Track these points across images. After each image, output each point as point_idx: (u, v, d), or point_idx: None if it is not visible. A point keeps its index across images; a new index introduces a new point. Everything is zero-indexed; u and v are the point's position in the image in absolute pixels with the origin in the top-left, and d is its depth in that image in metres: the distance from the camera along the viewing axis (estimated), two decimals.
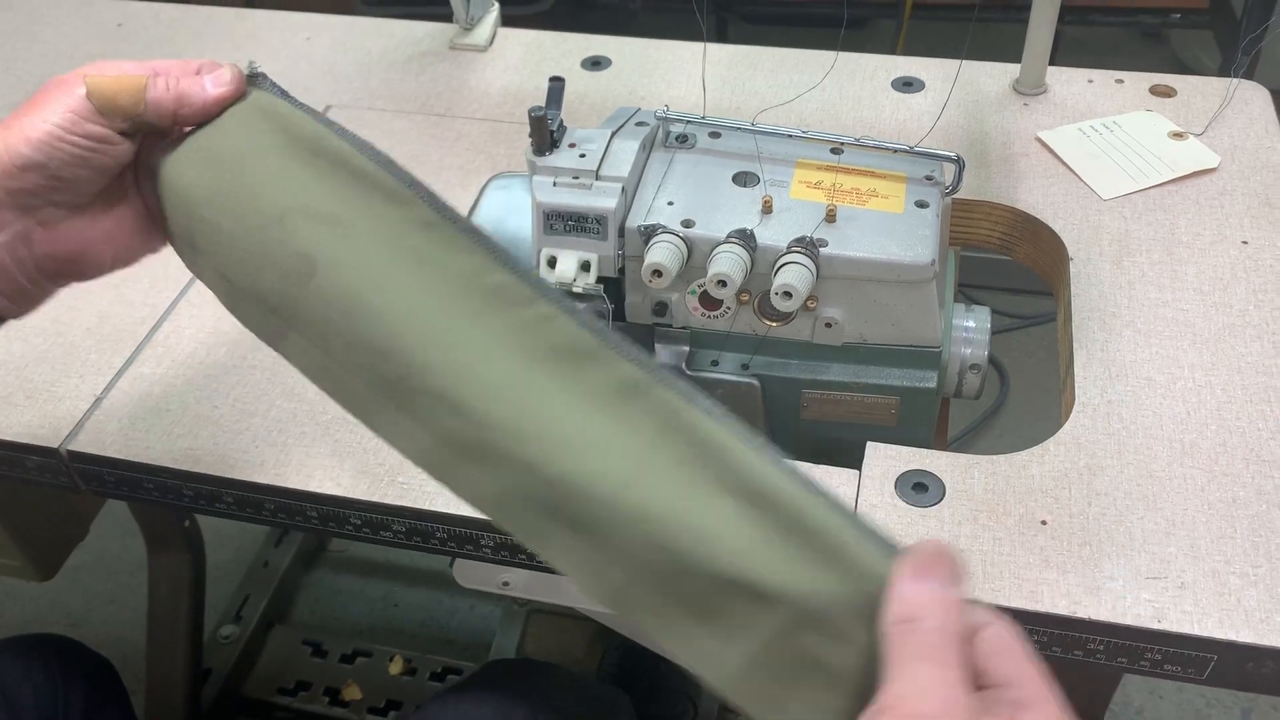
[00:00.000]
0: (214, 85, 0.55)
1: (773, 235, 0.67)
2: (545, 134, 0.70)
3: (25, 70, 1.07)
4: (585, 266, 0.69)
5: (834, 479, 0.66)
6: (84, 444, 0.71)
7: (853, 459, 0.68)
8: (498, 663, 0.97)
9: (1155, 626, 0.58)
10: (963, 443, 1.65)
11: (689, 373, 0.72)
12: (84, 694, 0.82)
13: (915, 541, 0.38)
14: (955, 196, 0.74)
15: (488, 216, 0.87)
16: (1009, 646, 0.36)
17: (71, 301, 0.81)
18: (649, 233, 0.68)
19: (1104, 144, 0.89)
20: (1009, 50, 0.98)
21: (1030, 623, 0.59)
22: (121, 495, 0.73)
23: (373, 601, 1.48)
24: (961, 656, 0.35)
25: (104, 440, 0.71)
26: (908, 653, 0.35)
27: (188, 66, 0.56)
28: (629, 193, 0.69)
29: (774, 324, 0.70)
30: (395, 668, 1.31)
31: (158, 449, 0.70)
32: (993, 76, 0.98)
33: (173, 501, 0.71)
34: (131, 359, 0.77)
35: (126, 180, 0.58)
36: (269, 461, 0.69)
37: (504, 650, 1.26)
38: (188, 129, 0.55)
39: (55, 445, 0.71)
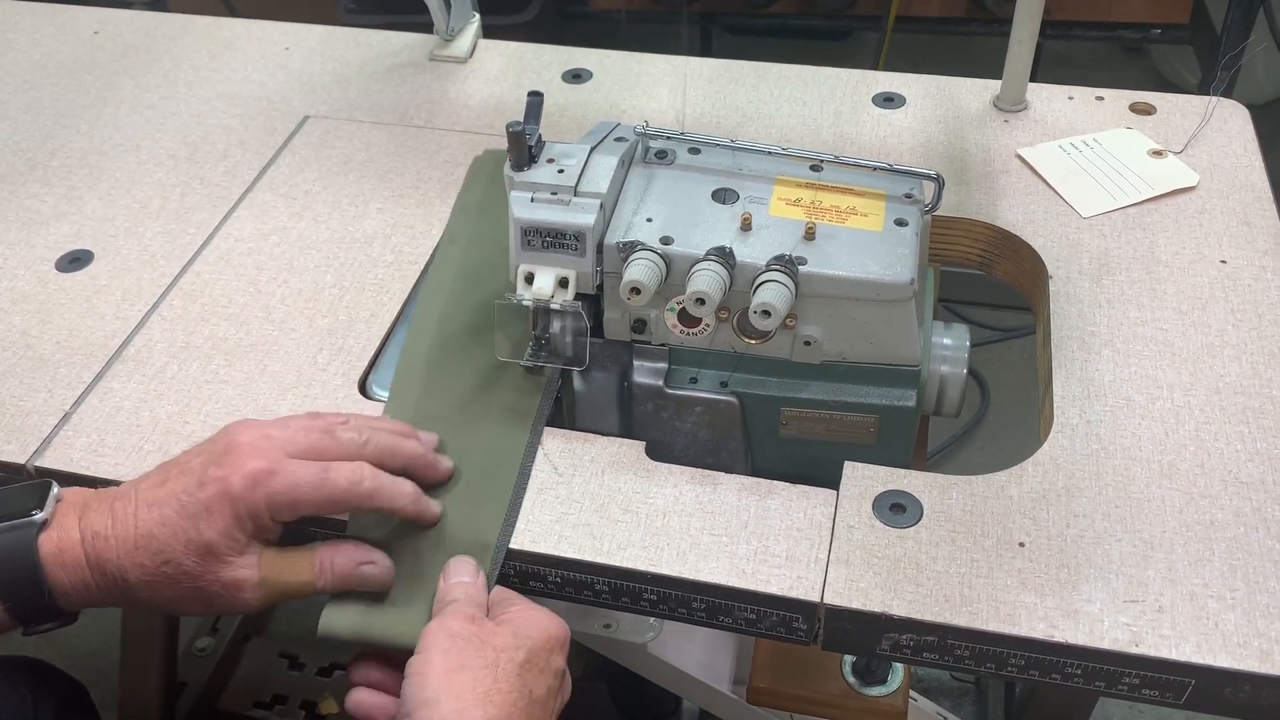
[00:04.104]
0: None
1: (752, 253, 0.67)
2: (523, 149, 0.69)
3: (0, 77, 1.06)
4: (563, 283, 0.69)
5: (811, 499, 0.66)
6: (52, 460, 0.70)
7: (833, 477, 0.67)
8: None
9: (1133, 651, 0.57)
10: (944, 456, 1.65)
11: (668, 390, 0.72)
12: (54, 716, 0.81)
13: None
14: (935, 213, 0.74)
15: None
16: (503, 594, 0.63)
17: (41, 314, 0.80)
18: (627, 249, 0.67)
19: (1084, 161, 0.89)
20: (991, 65, 0.98)
21: (1007, 646, 0.59)
22: None
23: None
24: (474, 608, 0.60)
25: (72, 456, 0.70)
26: (444, 609, 0.60)
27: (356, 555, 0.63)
28: (607, 209, 0.69)
29: (753, 341, 0.70)
30: None
31: (128, 465, 0.69)
32: (973, 93, 0.98)
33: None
34: (102, 373, 0.75)
35: None
36: None
37: None
38: None
39: (23, 461, 0.70)
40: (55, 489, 0.61)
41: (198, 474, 0.59)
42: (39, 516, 0.59)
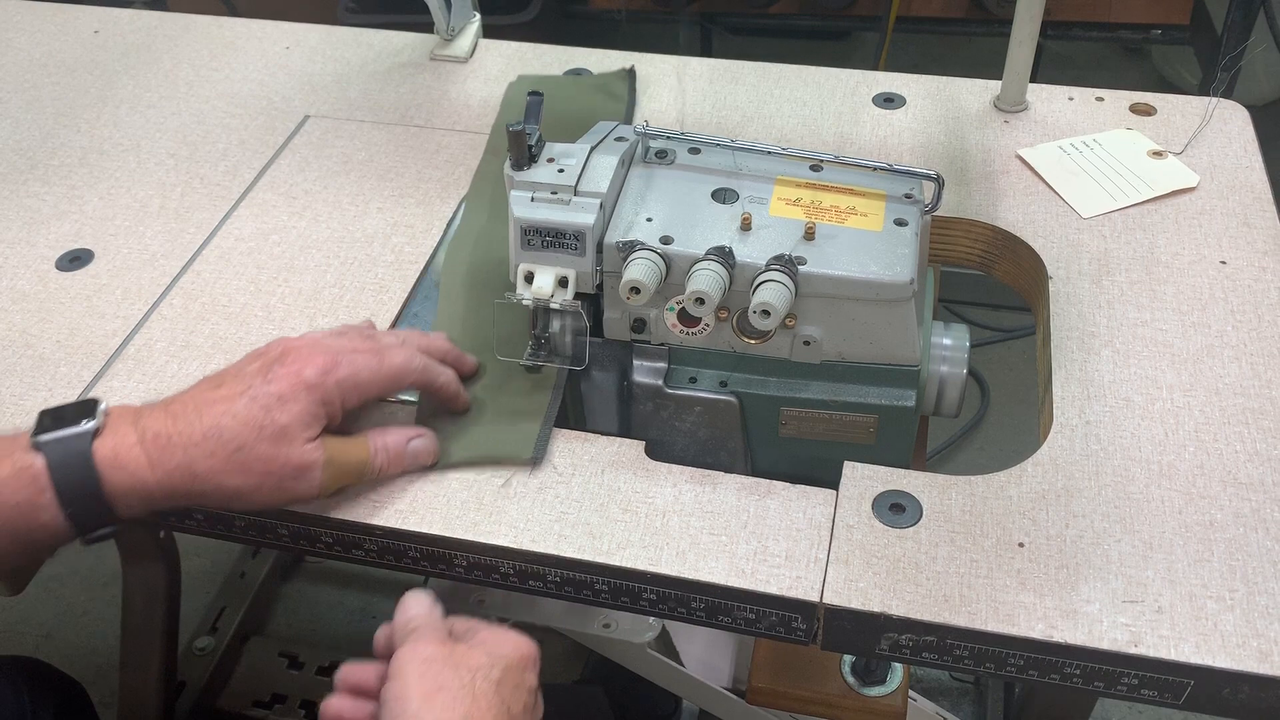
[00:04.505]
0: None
1: (751, 252, 0.67)
2: (523, 149, 0.69)
3: (0, 77, 1.06)
4: (563, 282, 0.69)
5: (811, 499, 0.66)
6: None
7: (832, 477, 0.67)
8: None
9: (1132, 651, 0.57)
10: (943, 456, 1.65)
11: (668, 390, 0.72)
12: (53, 716, 0.81)
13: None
14: (935, 214, 0.74)
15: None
16: (468, 624, 0.61)
17: (41, 313, 0.80)
18: (627, 249, 0.67)
19: (1084, 162, 0.89)
20: (991, 65, 0.98)
21: (1007, 646, 0.59)
22: None
23: (350, 613, 1.47)
24: (440, 633, 0.59)
25: None
26: (408, 636, 0.58)
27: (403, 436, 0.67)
28: (607, 208, 0.69)
29: (752, 341, 0.70)
30: None
31: None
32: (973, 93, 0.98)
33: (140, 518, 0.70)
34: (102, 372, 0.75)
35: None
36: None
37: None
38: None
39: None
40: (103, 404, 0.63)
41: (260, 375, 0.62)
42: (90, 425, 0.61)
